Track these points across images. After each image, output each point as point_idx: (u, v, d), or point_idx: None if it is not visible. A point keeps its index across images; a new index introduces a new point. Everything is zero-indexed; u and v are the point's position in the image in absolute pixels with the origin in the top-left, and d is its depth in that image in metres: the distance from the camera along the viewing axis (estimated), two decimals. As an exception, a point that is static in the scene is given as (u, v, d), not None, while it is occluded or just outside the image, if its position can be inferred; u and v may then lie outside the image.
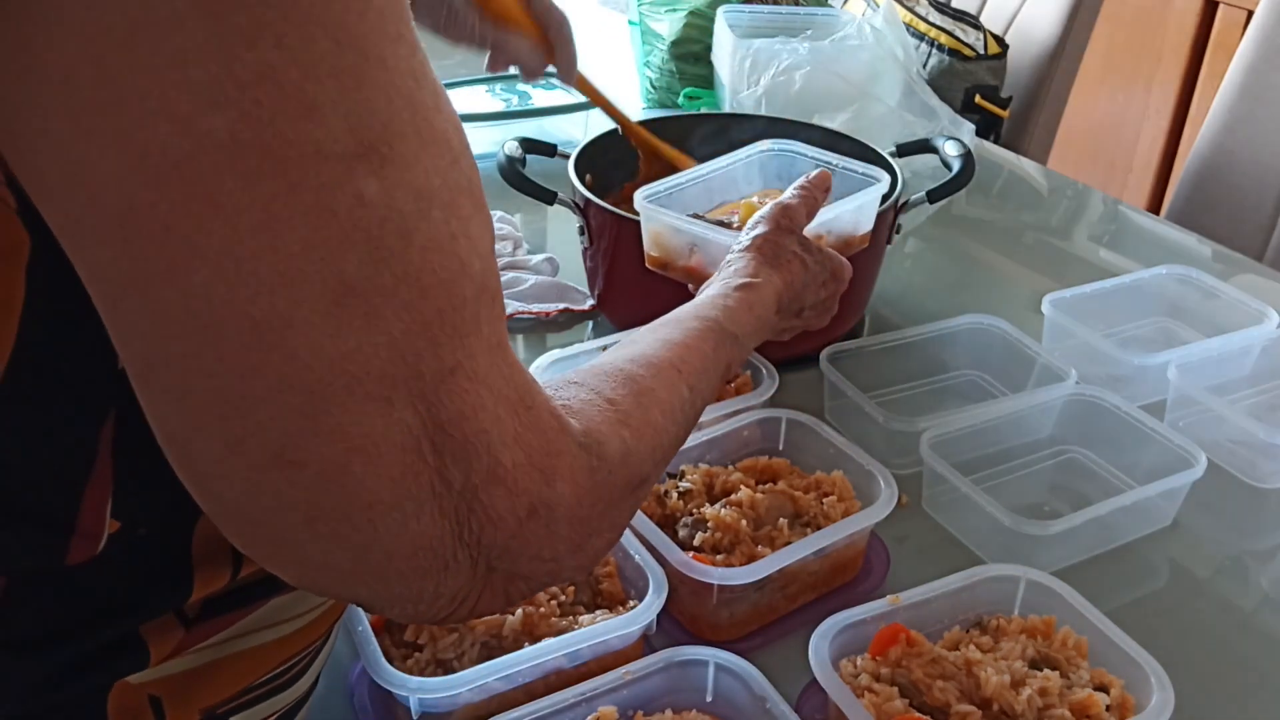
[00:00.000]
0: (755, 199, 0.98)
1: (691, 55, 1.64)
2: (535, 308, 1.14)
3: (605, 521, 0.48)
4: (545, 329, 1.13)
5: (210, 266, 0.35)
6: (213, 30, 0.34)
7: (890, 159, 1.12)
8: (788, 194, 0.80)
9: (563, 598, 0.72)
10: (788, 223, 0.76)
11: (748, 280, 0.70)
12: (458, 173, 0.40)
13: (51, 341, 0.40)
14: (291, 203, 0.35)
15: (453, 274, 0.39)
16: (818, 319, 0.80)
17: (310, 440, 0.38)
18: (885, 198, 0.98)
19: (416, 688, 0.63)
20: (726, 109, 1.53)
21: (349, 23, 0.36)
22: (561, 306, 1.14)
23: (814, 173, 0.84)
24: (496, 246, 1.23)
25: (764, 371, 0.94)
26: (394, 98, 0.37)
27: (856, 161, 1.00)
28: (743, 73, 1.44)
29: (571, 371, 0.53)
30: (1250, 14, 1.69)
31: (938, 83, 1.65)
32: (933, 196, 1.09)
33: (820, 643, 0.67)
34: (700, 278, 0.86)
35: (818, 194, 0.82)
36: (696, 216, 0.97)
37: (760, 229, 0.75)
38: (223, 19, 0.34)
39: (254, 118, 0.34)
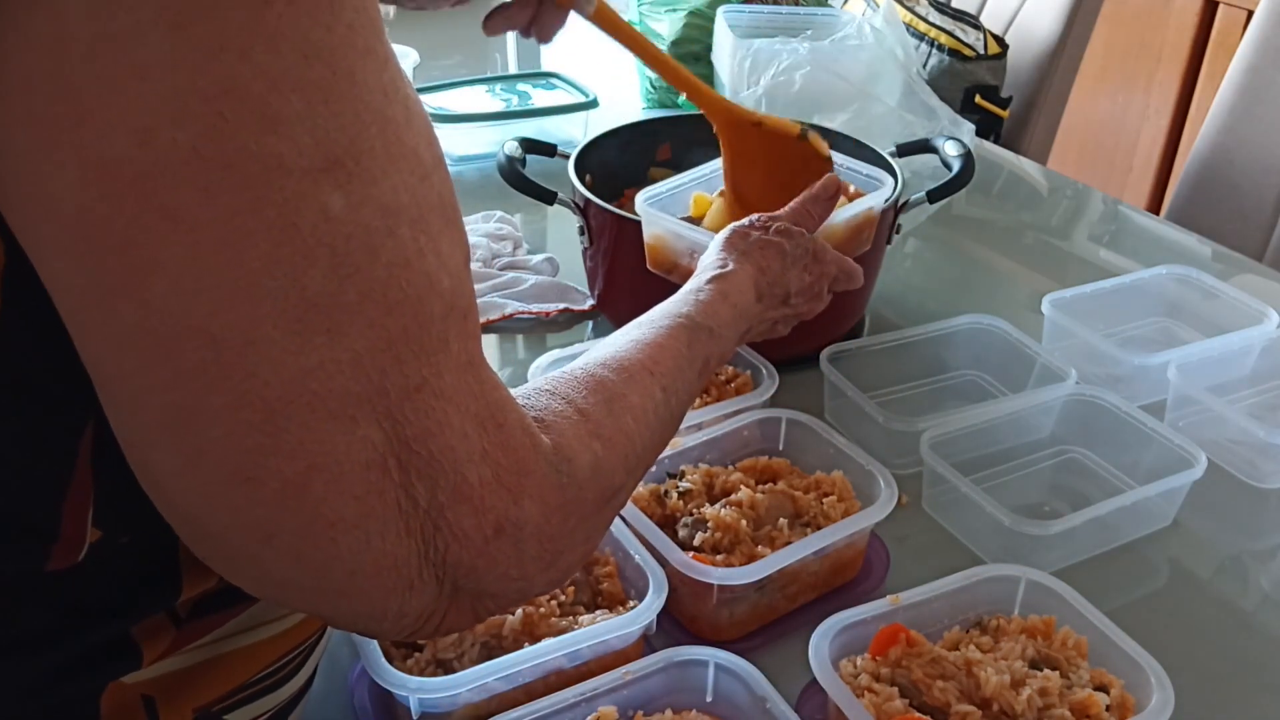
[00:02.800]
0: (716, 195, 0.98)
1: (691, 55, 1.64)
2: (535, 308, 1.14)
3: (577, 536, 0.47)
4: (545, 329, 1.13)
5: (168, 281, 0.35)
6: (176, 42, 0.33)
7: (890, 159, 1.12)
8: (782, 210, 0.79)
9: (562, 598, 0.72)
10: (759, 222, 0.76)
11: (716, 271, 0.69)
12: (428, 189, 0.40)
13: (30, 351, 0.40)
14: (254, 218, 0.35)
15: (420, 291, 0.39)
16: (809, 305, 0.78)
17: (269, 458, 0.37)
18: (885, 198, 0.98)
19: (416, 688, 0.63)
20: (726, 109, 1.53)
21: (316, 36, 0.35)
22: (561, 306, 1.15)
23: (817, 185, 0.81)
24: (496, 246, 1.23)
25: (764, 371, 0.94)
26: (362, 112, 0.37)
27: (859, 162, 1.00)
28: (743, 73, 1.44)
29: (544, 378, 0.52)
30: (1250, 14, 1.69)
31: (938, 83, 1.65)
32: (933, 196, 1.09)
33: (820, 643, 0.67)
34: None
35: (816, 207, 0.80)
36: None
37: (731, 226, 0.75)
38: (187, 30, 0.33)
39: (217, 131, 0.34)
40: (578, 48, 2.02)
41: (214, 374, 0.36)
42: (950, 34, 1.70)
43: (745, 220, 0.76)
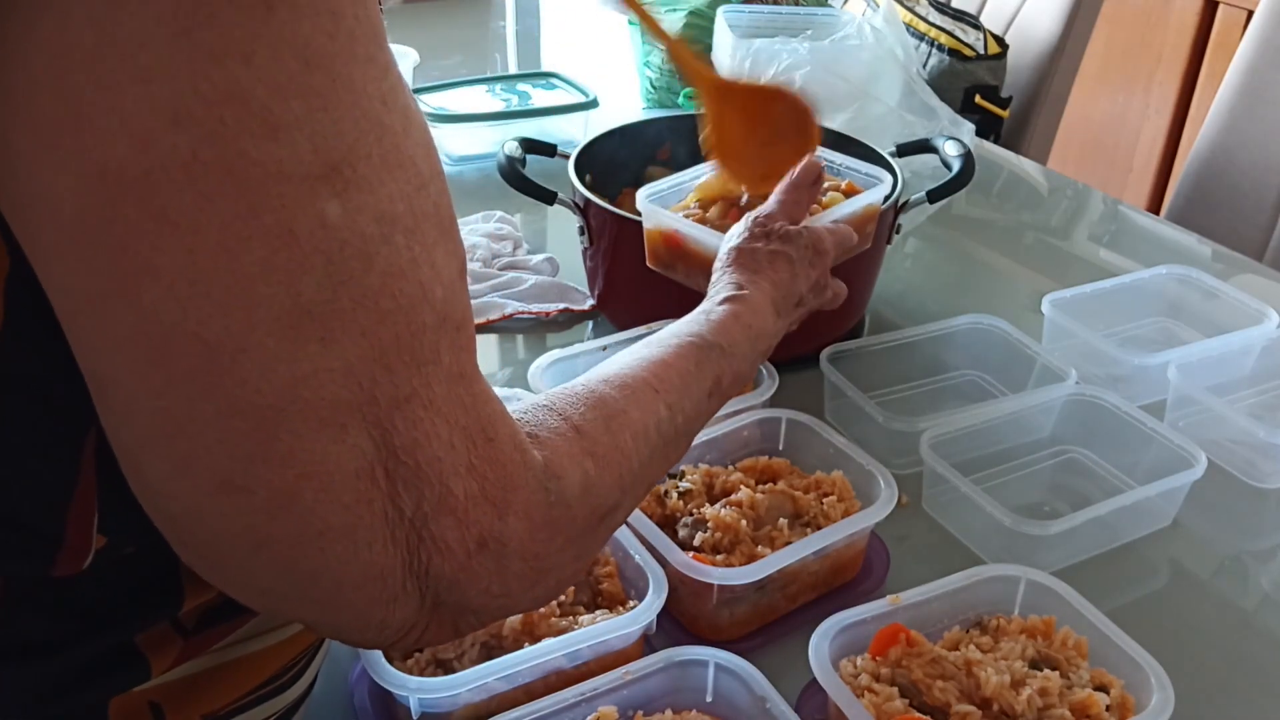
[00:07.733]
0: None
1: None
2: (535, 308, 1.14)
3: (566, 555, 0.47)
4: (545, 329, 1.13)
5: (163, 286, 0.35)
6: (180, 47, 0.33)
7: (890, 159, 1.12)
8: (768, 202, 0.78)
9: (563, 598, 0.72)
10: (760, 229, 0.74)
11: (732, 292, 0.68)
12: (424, 199, 0.40)
13: (33, 356, 0.40)
14: (251, 223, 0.35)
15: (412, 300, 0.39)
16: (818, 299, 0.76)
17: (259, 466, 0.37)
18: (885, 197, 0.98)
19: (416, 688, 0.63)
20: (726, 109, 1.53)
21: (318, 43, 0.35)
22: (561, 306, 1.15)
23: (797, 169, 0.80)
24: (496, 246, 1.23)
25: (764, 372, 0.94)
26: (360, 120, 0.37)
27: (858, 161, 1.00)
28: (743, 73, 1.44)
29: (545, 394, 0.52)
30: (1250, 14, 1.69)
31: (938, 83, 1.65)
32: (933, 196, 1.09)
33: (820, 643, 0.67)
34: (702, 273, 0.84)
35: (802, 194, 0.79)
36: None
37: (733, 242, 0.74)
38: (191, 36, 0.33)
39: (218, 136, 0.34)
40: (578, 48, 2.03)
41: (206, 381, 0.36)
42: (950, 34, 1.70)
43: (741, 229, 0.75)
